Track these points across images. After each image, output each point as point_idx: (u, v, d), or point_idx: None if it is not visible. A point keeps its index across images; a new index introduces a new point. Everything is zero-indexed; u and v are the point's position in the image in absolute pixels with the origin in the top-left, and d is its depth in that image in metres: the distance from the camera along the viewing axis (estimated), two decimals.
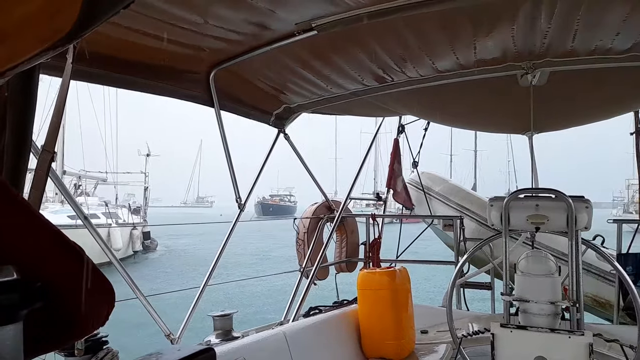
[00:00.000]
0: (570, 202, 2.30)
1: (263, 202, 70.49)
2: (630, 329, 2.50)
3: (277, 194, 78.69)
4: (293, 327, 2.96)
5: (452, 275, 2.72)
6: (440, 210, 6.53)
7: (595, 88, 3.53)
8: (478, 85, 3.42)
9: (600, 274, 5.07)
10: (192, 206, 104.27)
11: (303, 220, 4.56)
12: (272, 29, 2.41)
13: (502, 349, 2.28)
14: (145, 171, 30.96)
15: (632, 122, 5.24)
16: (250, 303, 12.09)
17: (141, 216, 28.44)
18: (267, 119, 3.86)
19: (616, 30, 2.49)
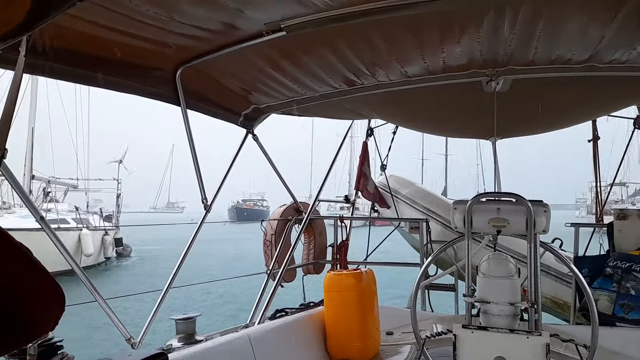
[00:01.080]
0: (529, 206, 2.37)
1: (238, 206, 69.86)
2: (585, 329, 2.60)
3: (250, 198, 77.95)
4: (258, 329, 2.93)
5: (417, 277, 2.75)
6: (407, 213, 6.63)
7: (556, 96, 3.65)
8: (445, 91, 3.49)
9: (559, 275, 5.25)
10: (162, 212, 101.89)
11: (271, 222, 4.53)
12: (240, 28, 2.39)
13: (463, 350, 2.32)
14: (117, 178, 30.36)
15: (591, 130, 5.49)
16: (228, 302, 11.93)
17: (113, 223, 27.75)
18: (235, 119, 3.82)
19: (574, 42, 2.59)
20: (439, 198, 6.83)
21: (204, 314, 3.02)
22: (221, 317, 10.72)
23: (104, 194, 31.03)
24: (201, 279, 11.22)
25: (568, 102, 3.84)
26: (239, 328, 3.14)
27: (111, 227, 25.53)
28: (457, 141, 6.54)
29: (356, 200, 5.90)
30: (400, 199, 6.87)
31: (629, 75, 2.93)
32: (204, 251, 22.86)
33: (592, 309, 2.40)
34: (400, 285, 9.55)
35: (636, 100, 4.03)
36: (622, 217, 3.89)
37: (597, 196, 5.28)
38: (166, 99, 3.01)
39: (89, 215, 25.13)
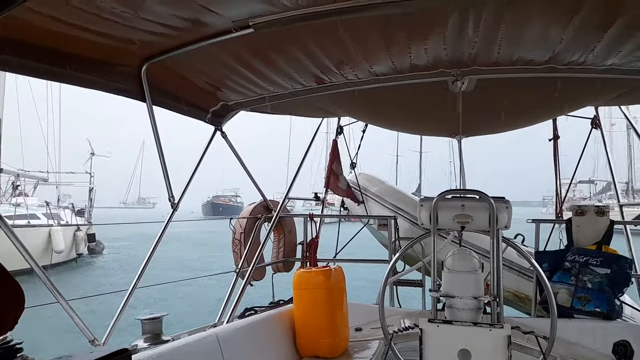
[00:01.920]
0: (492, 203, 2.43)
1: (213, 201, 68.86)
2: (545, 321, 2.70)
3: (224, 194, 76.93)
4: (226, 328, 2.91)
5: (385, 273, 2.79)
6: (376, 210, 6.70)
7: (519, 96, 3.77)
8: (412, 90, 3.55)
9: (521, 270, 5.42)
10: (133, 207, 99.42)
11: (240, 220, 4.50)
12: (207, 24, 2.36)
13: (429, 343, 2.37)
14: (90, 171, 29.46)
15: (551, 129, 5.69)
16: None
17: (86, 218, 26.93)
18: (203, 116, 3.77)
19: (535, 44, 2.68)
20: (406, 196, 6.94)
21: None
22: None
23: (74, 188, 30.20)
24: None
25: (530, 102, 3.97)
26: (207, 327, 3.11)
27: (84, 223, 24.93)
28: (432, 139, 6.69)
29: (326, 198, 5.92)
30: (370, 197, 6.94)
31: (586, 76, 3.06)
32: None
33: (551, 302, 2.49)
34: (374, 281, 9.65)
35: (594, 100, 4.20)
36: (579, 213, 4.05)
37: (557, 193, 5.48)
38: (131, 95, 2.95)
39: (60, 210, 24.45)
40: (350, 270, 3.72)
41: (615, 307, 3.68)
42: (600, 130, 5.01)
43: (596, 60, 2.84)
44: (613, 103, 4.17)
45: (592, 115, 5.01)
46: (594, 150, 5.01)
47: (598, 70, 2.98)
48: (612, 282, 3.69)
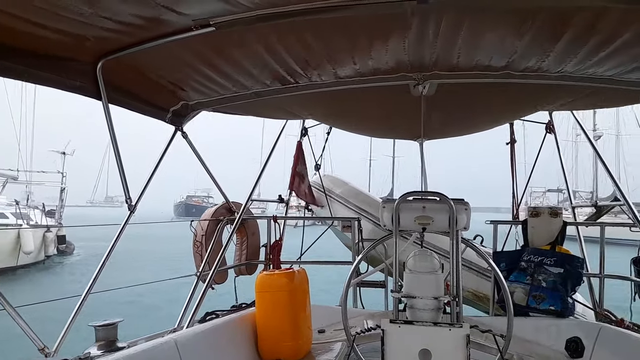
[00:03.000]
0: (452, 204, 2.48)
1: (187, 202, 67.25)
2: (502, 320, 2.77)
3: (195, 195, 75.26)
4: (186, 334, 2.83)
5: (348, 274, 2.79)
6: (340, 212, 6.73)
7: (478, 101, 3.88)
8: (375, 93, 3.58)
9: (480, 270, 5.57)
10: (100, 206, 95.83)
11: (201, 223, 4.40)
12: (167, 22, 2.29)
13: (390, 344, 2.39)
14: (62, 171, 28.24)
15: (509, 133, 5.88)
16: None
17: (56, 219, 25.80)
18: (163, 116, 3.67)
19: (493, 50, 2.75)
20: (370, 197, 7.01)
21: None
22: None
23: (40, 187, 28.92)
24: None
25: (488, 107, 4.09)
26: (165, 333, 3.02)
27: (55, 224, 24.12)
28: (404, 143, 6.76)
29: (290, 200, 5.89)
30: (334, 199, 6.96)
31: (541, 82, 3.17)
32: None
33: (507, 301, 2.56)
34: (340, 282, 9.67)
35: (548, 106, 4.36)
36: (534, 215, 4.20)
37: (513, 195, 5.66)
38: (87, 92, 2.83)
39: (30, 210, 23.49)
40: (317, 272, 3.71)
41: (568, 305, 3.83)
42: (554, 135, 5.21)
43: (550, 67, 2.95)
44: (566, 108, 4.34)
45: (547, 120, 5.20)
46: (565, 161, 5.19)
47: (552, 77, 3.10)
48: (565, 281, 3.84)
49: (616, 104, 4.11)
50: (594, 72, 2.98)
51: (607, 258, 4.13)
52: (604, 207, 4.86)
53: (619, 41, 2.45)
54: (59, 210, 27.28)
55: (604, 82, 3.11)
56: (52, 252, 23.68)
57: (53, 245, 23.66)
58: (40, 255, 22.29)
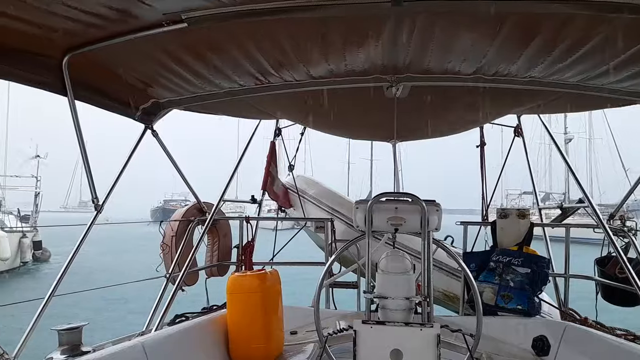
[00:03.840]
0: (423, 205, 2.50)
1: (165, 206, 65.74)
2: (472, 319, 2.82)
3: (172, 199, 73.76)
4: (154, 337, 2.77)
5: (320, 275, 2.78)
6: (313, 213, 6.73)
7: (449, 104, 3.94)
8: (348, 94, 3.58)
9: (450, 271, 5.67)
10: (74, 211, 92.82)
11: (171, 224, 4.32)
12: (137, 16, 2.23)
13: (362, 344, 2.39)
14: (37, 175, 27.28)
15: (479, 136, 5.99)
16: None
17: (31, 224, 24.91)
18: (132, 114, 3.58)
19: (463, 55, 2.80)
20: (343, 198, 7.04)
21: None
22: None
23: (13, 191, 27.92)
24: None
25: (459, 110, 4.16)
26: (133, 336, 2.94)
27: (29, 229, 23.36)
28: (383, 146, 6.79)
29: (262, 201, 5.85)
30: (307, 199, 6.96)
31: (510, 87, 3.24)
32: None
33: (477, 300, 2.60)
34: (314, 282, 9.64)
35: (516, 110, 4.47)
36: (503, 216, 4.30)
37: (483, 197, 5.77)
38: (52, 88, 2.73)
39: (5, 216, 22.70)
40: (291, 273, 3.69)
41: (535, 305, 3.93)
42: (522, 139, 5.35)
43: (519, 72, 3.03)
44: (534, 112, 4.46)
45: (515, 124, 5.34)
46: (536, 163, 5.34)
47: (520, 81, 3.17)
48: (532, 280, 3.94)
49: (581, 109, 4.26)
50: (560, 77, 3.07)
51: (576, 256, 4.27)
52: (569, 209, 5.02)
53: (584, 48, 2.54)
54: (34, 215, 26.47)
55: (569, 88, 3.21)
56: (28, 258, 23.12)
57: (29, 251, 23.10)
58: (16, 262, 21.72)
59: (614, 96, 3.29)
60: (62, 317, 3.19)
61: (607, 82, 3.08)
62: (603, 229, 3.88)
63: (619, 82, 3.07)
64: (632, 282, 3.51)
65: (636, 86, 3.11)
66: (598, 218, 3.94)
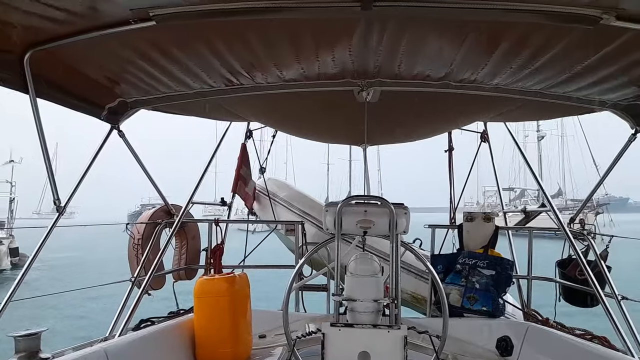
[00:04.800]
0: (392, 208, 2.53)
1: (142, 211, 63.97)
2: (439, 321, 2.86)
3: (149, 203, 71.97)
4: (118, 342, 2.69)
5: (289, 278, 2.77)
6: (284, 216, 6.70)
7: (419, 109, 4.00)
8: (320, 98, 3.60)
9: (419, 273, 5.74)
10: (47, 217, 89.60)
11: (137, 226, 4.22)
12: (103, 12, 2.17)
13: (331, 347, 2.39)
14: (11, 180, 26.12)
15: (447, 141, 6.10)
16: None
17: (6, 231, 23.85)
18: (98, 113, 3.48)
19: (431, 61, 2.86)
20: (314, 201, 7.04)
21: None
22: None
23: None
24: None
25: (429, 115, 4.23)
26: (95, 342, 2.86)
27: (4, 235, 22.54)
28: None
29: (233, 202, 5.79)
30: (278, 202, 6.93)
31: (477, 94, 3.33)
32: None
33: (443, 302, 2.65)
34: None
35: (483, 116, 4.59)
36: (469, 219, 4.39)
37: (450, 200, 5.88)
38: (12, 85, 2.62)
39: None
40: (268, 276, 3.65)
41: (499, 306, 4.03)
42: (488, 144, 5.48)
43: (484, 79, 3.11)
44: (499, 119, 4.58)
45: (482, 129, 5.47)
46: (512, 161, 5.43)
47: (486, 88, 3.26)
48: (497, 282, 4.04)
49: (545, 117, 4.41)
50: (524, 85, 3.17)
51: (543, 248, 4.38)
52: (532, 213, 5.17)
53: (545, 57, 2.63)
54: (9, 221, 25.50)
55: (532, 95, 3.32)
56: (6, 265, 22.58)
57: (6, 257, 22.53)
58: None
59: (575, 104, 3.42)
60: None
61: (568, 90, 3.20)
62: (564, 232, 4.02)
63: (579, 90, 3.20)
64: (591, 283, 3.65)
65: (595, 95, 3.25)
66: (559, 222, 4.08)
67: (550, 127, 58.13)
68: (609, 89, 3.10)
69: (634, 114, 3.43)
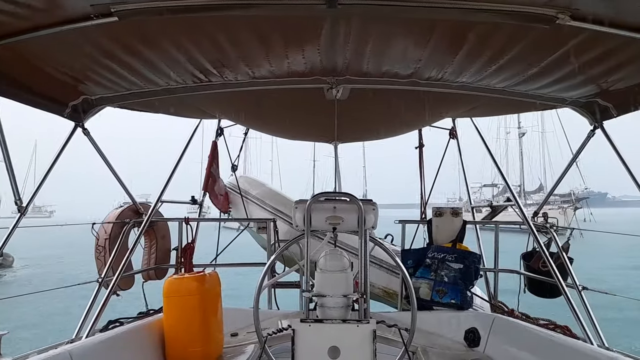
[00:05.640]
0: (360, 205, 2.57)
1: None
2: (408, 314, 2.92)
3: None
4: (83, 344, 2.64)
5: (260, 276, 2.77)
6: (256, 214, 6.68)
7: (388, 107, 4.05)
8: (290, 95, 3.60)
9: (390, 268, 5.82)
10: (27, 216, 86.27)
11: (104, 226, 4.13)
12: (63, 7, 2.11)
13: (301, 343, 2.41)
14: None
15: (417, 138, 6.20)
16: None
17: None
18: (60, 111, 3.39)
19: (398, 59, 2.90)
20: (286, 198, 7.03)
21: None
22: None
23: None
24: None
25: (398, 113, 4.29)
26: (61, 344, 2.79)
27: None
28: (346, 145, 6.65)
29: (203, 200, 5.73)
30: (250, 200, 6.89)
31: (444, 91, 3.39)
32: None
33: (411, 296, 2.71)
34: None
35: (451, 113, 4.68)
36: (438, 215, 4.48)
37: (421, 196, 5.98)
38: None
39: None
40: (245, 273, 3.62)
41: (467, 298, 4.13)
42: (456, 141, 5.59)
43: (450, 77, 3.18)
44: (466, 115, 4.68)
45: (450, 126, 5.58)
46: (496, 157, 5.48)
47: (453, 86, 3.33)
48: (465, 275, 4.14)
49: (510, 112, 4.52)
50: (489, 83, 3.25)
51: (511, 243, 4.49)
52: (498, 207, 5.32)
53: (507, 56, 2.71)
54: None
55: (497, 93, 3.41)
56: None
57: None
58: None
59: (538, 101, 3.53)
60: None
61: (530, 87, 3.30)
62: (528, 225, 4.14)
63: (540, 88, 3.30)
64: (553, 275, 3.79)
65: (556, 92, 3.36)
66: (523, 215, 4.21)
67: (531, 123, 59.80)
68: (569, 87, 3.21)
69: (592, 111, 3.56)
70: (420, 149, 6.12)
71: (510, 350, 3.25)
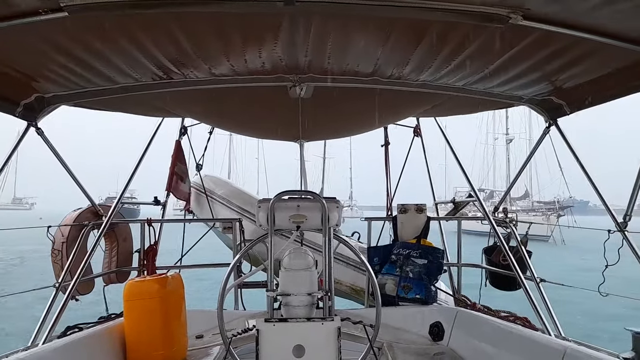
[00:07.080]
0: (324, 203, 2.57)
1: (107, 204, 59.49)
2: (374, 311, 2.95)
3: (115, 197, 66.90)
4: (39, 351, 2.53)
5: (224, 276, 2.73)
6: (222, 213, 6.60)
7: (352, 105, 4.07)
8: (253, 93, 3.56)
9: (357, 265, 5.86)
10: (7, 208, 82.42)
11: (61, 229, 3.97)
12: (7, 1, 2.01)
13: (265, 343, 2.39)
14: None
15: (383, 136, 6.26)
16: None
17: None
18: (12, 110, 3.24)
19: (358, 57, 2.91)
20: (252, 197, 6.98)
21: None
22: None
23: None
24: None
25: (362, 111, 4.32)
26: (15, 352, 2.67)
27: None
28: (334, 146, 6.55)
29: (167, 201, 5.60)
30: (216, 199, 6.80)
31: (405, 89, 3.43)
32: None
33: (376, 292, 2.73)
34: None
35: (413, 111, 4.75)
36: (403, 211, 4.55)
37: (387, 194, 6.05)
38: None
39: None
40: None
41: (432, 293, 4.21)
42: (420, 139, 5.68)
43: (411, 75, 3.22)
44: (429, 114, 4.76)
45: (414, 124, 5.66)
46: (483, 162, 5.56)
47: (413, 84, 3.37)
48: (429, 271, 4.22)
49: (472, 111, 4.62)
50: (448, 81, 3.32)
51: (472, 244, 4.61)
52: (460, 203, 5.44)
53: (463, 54, 2.76)
54: None
55: (457, 91, 3.48)
56: None
57: None
58: None
59: (495, 99, 3.63)
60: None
61: (488, 86, 3.39)
62: (488, 220, 4.26)
63: (498, 86, 3.39)
64: (513, 268, 3.91)
65: (513, 90, 3.46)
66: (484, 211, 4.32)
67: (519, 129, 61.03)
68: (524, 85, 3.31)
69: (548, 108, 3.69)
70: (386, 147, 6.18)
71: (472, 343, 3.33)
